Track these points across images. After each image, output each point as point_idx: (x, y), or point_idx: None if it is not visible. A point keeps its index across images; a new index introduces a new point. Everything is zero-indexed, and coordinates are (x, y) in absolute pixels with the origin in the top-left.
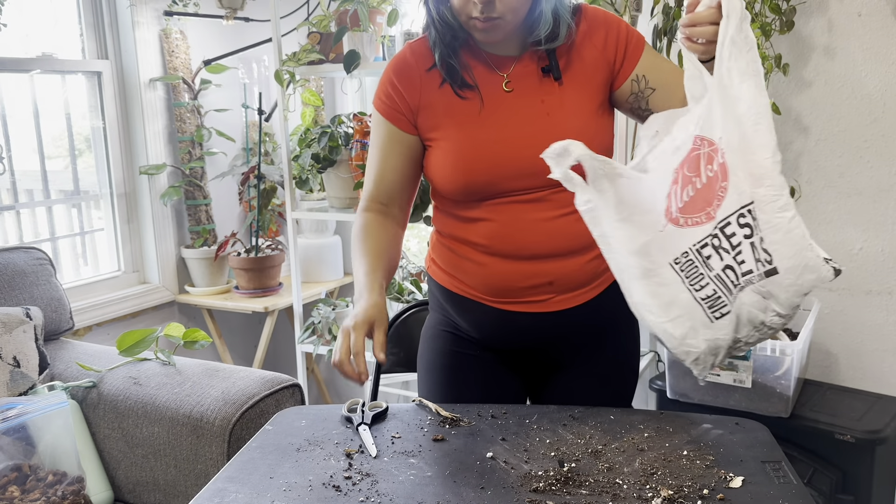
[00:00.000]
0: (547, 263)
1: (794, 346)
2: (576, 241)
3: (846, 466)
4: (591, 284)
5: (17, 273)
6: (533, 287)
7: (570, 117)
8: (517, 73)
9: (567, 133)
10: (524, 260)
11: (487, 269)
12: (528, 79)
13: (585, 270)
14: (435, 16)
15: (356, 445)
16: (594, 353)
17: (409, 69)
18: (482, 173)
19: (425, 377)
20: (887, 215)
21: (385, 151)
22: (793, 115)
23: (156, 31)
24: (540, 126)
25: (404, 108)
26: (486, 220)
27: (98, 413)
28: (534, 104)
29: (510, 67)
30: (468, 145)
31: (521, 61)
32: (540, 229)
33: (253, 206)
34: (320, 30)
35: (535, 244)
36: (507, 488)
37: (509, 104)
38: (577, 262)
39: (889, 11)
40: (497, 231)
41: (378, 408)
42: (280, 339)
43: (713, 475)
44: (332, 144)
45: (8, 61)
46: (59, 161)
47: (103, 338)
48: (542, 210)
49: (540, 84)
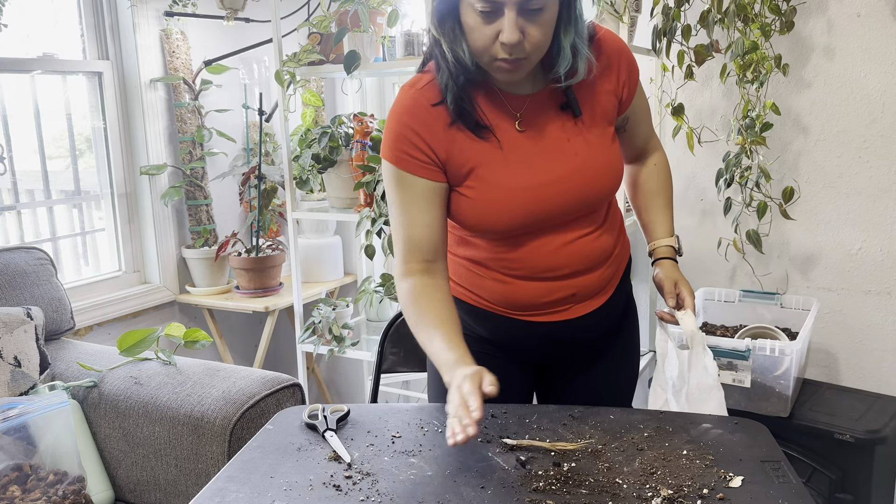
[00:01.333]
0: (569, 280)
1: (793, 345)
2: (595, 258)
3: (845, 466)
4: (606, 288)
5: (18, 273)
6: (556, 301)
7: (597, 155)
8: (531, 111)
9: (597, 172)
10: (548, 280)
11: (510, 287)
12: (545, 116)
13: (603, 278)
14: (450, 58)
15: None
16: (604, 351)
17: (426, 115)
18: (515, 219)
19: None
20: (886, 215)
21: (419, 208)
22: (792, 115)
23: (156, 31)
24: (571, 167)
25: (433, 158)
26: (505, 246)
27: (99, 413)
28: (559, 144)
29: (523, 105)
30: (500, 193)
31: (535, 98)
32: (562, 252)
33: (253, 206)
34: (321, 30)
35: (558, 267)
36: (507, 488)
37: (533, 145)
38: (597, 274)
39: (888, 12)
40: (519, 257)
41: (339, 412)
42: (280, 339)
43: (713, 475)
44: (332, 145)
45: (9, 62)
46: (59, 161)
47: (104, 338)
48: (563, 234)
49: (559, 121)
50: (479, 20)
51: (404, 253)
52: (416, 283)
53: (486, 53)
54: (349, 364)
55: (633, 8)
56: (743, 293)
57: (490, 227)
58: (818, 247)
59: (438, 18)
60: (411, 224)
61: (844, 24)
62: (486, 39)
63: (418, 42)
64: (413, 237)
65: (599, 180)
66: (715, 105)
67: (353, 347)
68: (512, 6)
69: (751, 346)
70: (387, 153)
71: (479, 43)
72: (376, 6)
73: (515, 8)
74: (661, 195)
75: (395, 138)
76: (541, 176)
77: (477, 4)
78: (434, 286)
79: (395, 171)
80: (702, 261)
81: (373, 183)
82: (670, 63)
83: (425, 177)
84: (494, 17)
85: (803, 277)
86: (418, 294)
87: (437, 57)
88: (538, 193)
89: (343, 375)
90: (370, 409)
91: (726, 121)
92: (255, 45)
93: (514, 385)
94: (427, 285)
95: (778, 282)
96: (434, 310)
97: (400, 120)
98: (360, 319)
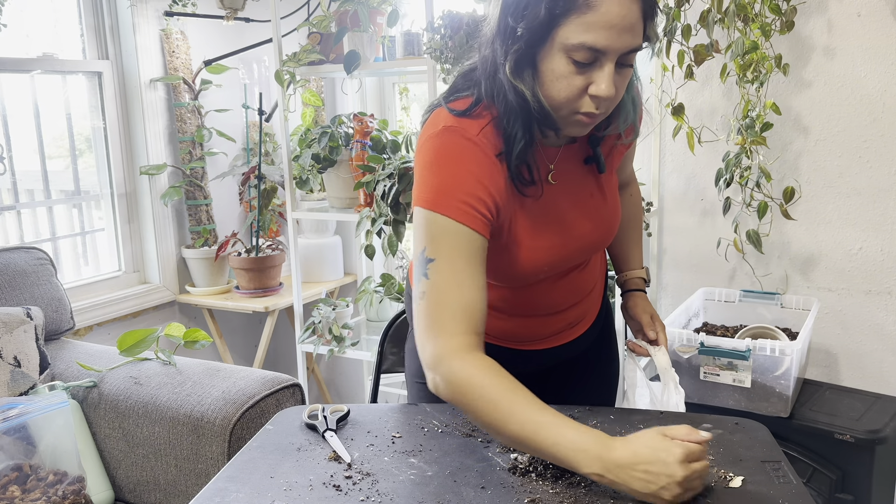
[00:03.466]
0: (567, 312)
1: (793, 345)
2: (586, 287)
3: (846, 466)
4: (595, 305)
5: (18, 273)
6: (554, 331)
7: (611, 206)
8: (561, 164)
9: (611, 222)
10: (547, 315)
11: (508, 323)
12: (573, 170)
13: (593, 300)
14: (532, 102)
15: (331, 451)
16: (594, 360)
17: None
18: (536, 273)
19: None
20: (886, 215)
21: (475, 269)
22: (792, 115)
23: (156, 31)
24: (594, 223)
25: (494, 212)
26: (502, 287)
27: (99, 413)
28: (584, 199)
29: (555, 157)
30: (527, 253)
31: (566, 151)
32: (556, 288)
33: (253, 206)
34: (321, 30)
35: (554, 303)
36: (507, 488)
37: (563, 200)
38: (589, 299)
39: (888, 11)
40: (514, 296)
41: (339, 412)
42: (280, 338)
43: (713, 475)
44: (332, 145)
45: (8, 61)
46: (59, 161)
47: (104, 338)
48: (562, 275)
49: (583, 175)
50: (572, 69)
51: (452, 323)
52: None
53: (568, 106)
54: (349, 364)
55: None
56: (743, 293)
57: (507, 280)
58: (818, 247)
59: (516, 63)
60: (463, 288)
61: (844, 24)
62: (575, 90)
63: (418, 42)
64: (469, 304)
65: (612, 229)
66: (715, 105)
67: (353, 347)
68: (613, 56)
69: (751, 346)
70: (433, 198)
71: (563, 94)
72: (376, 6)
73: (615, 58)
74: (634, 227)
75: (449, 185)
76: (567, 232)
77: (577, 54)
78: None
79: (445, 221)
80: (702, 261)
81: (373, 183)
82: (670, 63)
83: (482, 233)
84: (590, 67)
85: (803, 277)
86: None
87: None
88: (562, 250)
89: (343, 375)
90: (370, 409)
91: (726, 121)
92: (255, 45)
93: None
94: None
95: (778, 282)
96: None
97: (466, 168)
98: (360, 319)
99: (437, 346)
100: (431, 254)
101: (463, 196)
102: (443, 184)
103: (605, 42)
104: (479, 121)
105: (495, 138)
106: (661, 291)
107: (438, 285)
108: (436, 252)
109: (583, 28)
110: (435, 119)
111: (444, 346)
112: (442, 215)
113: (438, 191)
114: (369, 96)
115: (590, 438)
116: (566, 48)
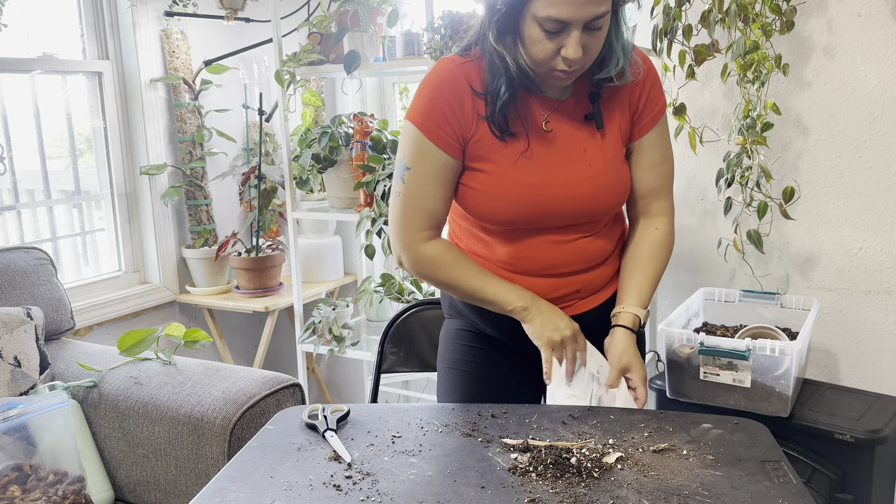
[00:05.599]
0: (573, 277)
1: (793, 345)
2: (596, 257)
3: (846, 466)
4: (610, 284)
5: (18, 273)
6: (561, 297)
7: (610, 170)
8: (558, 114)
9: (606, 186)
10: (552, 277)
11: (516, 283)
12: (569, 122)
13: (606, 274)
14: (512, 64)
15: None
16: None
17: (464, 95)
18: (519, 214)
19: (446, 375)
20: (886, 215)
21: (438, 181)
22: (792, 115)
23: (156, 31)
24: (581, 175)
25: (459, 135)
26: (508, 241)
27: (99, 413)
28: (575, 151)
29: (551, 108)
30: (510, 186)
31: (564, 104)
32: (563, 251)
33: (253, 206)
34: (321, 30)
35: (559, 265)
36: (507, 488)
37: (551, 147)
38: (598, 271)
39: (889, 11)
40: (521, 253)
41: (339, 412)
42: (280, 338)
43: (713, 475)
44: (332, 145)
45: (9, 61)
46: (59, 161)
47: (104, 338)
48: (563, 235)
49: (580, 129)
50: (543, 35)
51: (417, 220)
52: (440, 242)
53: (546, 65)
54: (349, 364)
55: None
56: (743, 293)
57: (492, 216)
58: (818, 247)
59: (498, 31)
60: (427, 196)
61: (844, 24)
62: (548, 52)
63: (418, 42)
64: (429, 208)
65: (606, 194)
66: (715, 105)
67: (353, 347)
68: (578, 25)
69: (751, 346)
70: (416, 119)
71: (539, 55)
72: (376, 6)
73: (581, 26)
74: (648, 264)
75: (428, 106)
76: (551, 178)
77: (546, 24)
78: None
79: (421, 138)
80: (702, 261)
81: (373, 183)
82: (671, 63)
83: (449, 153)
84: (559, 34)
85: (803, 277)
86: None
87: (495, 63)
88: (545, 193)
89: (343, 375)
90: (370, 409)
91: (727, 120)
92: (255, 45)
93: (522, 384)
94: (451, 244)
95: (778, 282)
96: (470, 261)
97: (438, 89)
98: (360, 319)
99: (406, 236)
100: (409, 163)
101: (432, 115)
102: (420, 102)
103: (567, 14)
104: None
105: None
106: (661, 291)
107: (411, 191)
108: (412, 162)
109: (548, 3)
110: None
111: (413, 237)
112: (421, 133)
113: (423, 112)
114: (369, 96)
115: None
116: (537, 19)
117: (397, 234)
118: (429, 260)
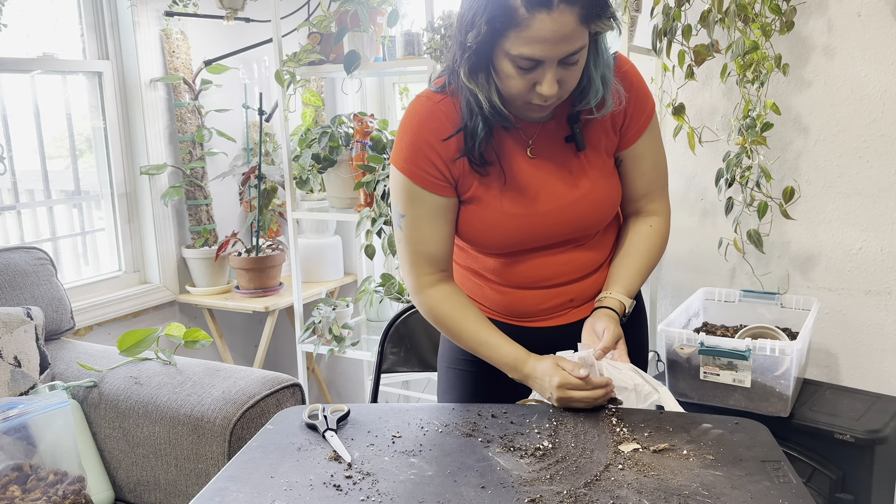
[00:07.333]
0: (565, 287)
1: (793, 345)
2: (589, 266)
3: (846, 466)
4: None
5: (18, 273)
6: (554, 307)
7: (597, 188)
8: (541, 139)
9: (594, 205)
10: (544, 288)
11: (509, 296)
12: (552, 146)
13: (599, 282)
14: (485, 104)
15: (331, 451)
16: None
17: (444, 134)
18: (511, 242)
19: (446, 374)
20: (886, 215)
21: (433, 226)
22: (792, 115)
23: (156, 31)
24: (568, 199)
25: (446, 174)
26: (500, 257)
27: (99, 413)
28: (561, 174)
29: (534, 133)
30: (499, 218)
31: (546, 127)
32: (554, 262)
33: (253, 206)
34: (321, 30)
35: (552, 276)
36: (507, 488)
37: (537, 174)
38: (592, 279)
39: (889, 11)
40: (513, 268)
41: (339, 412)
42: (280, 338)
43: (713, 475)
44: (332, 145)
45: (9, 61)
46: (59, 161)
47: (104, 337)
48: (555, 249)
49: (564, 152)
50: (516, 72)
51: (420, 266)
52: (442, 289)
53: (520, 99)
54: (349, 364)
55: (633, 8)
56: (743, 293)
57: (483, 245)
58: (818, 247)
59: (470, 68)
60: (425, 241)
61: (844, 24)
62: (522, 88)
63: (418, 42)
64: (430, 252)
65: (595, 212)
66: (715, 105)
67: (353, 347)
68: (552, 62)
69: (751, 346)
70: (401, 165)
71: (514, 91)
72: (376, 6)
73: (555, 63)
74: (640, 258)
75: (411, 151)
76: (539, 205)
77: (519, 61)
78: (459, 291)
79: (409, 185)
80: (702, 261)
81: (373, 183)
82: (671, 63)
83: (440, 194)
84: (533, 70)
85: (803, 277)
86: (447, 296)
87: (469, 101)
88: (534, 220)
89: (343, 375)
90: (370, 409)
91: (727, 120)
92: (255, 45)
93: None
94: (454, 291)
95: (778, 282)
96: (472, 310)
97: (419, 132)
98: (360, 319)
99: (410, 281)
100: (403, 210)
101: (416, 160)
102: (403, 147)
103: (541, 53)
104: (447, 98)
105: (457, 112)
106: (661, 291)
107: (409, 237)
108: (405, 209)
109: (521, 42)
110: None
111: (417, 282)
112: (409, 180)
113: (400, 153)
114: (369, 96)
115: (511, 356)
116: (509, 56)
117: (405, 278)
118: (428, 308)
